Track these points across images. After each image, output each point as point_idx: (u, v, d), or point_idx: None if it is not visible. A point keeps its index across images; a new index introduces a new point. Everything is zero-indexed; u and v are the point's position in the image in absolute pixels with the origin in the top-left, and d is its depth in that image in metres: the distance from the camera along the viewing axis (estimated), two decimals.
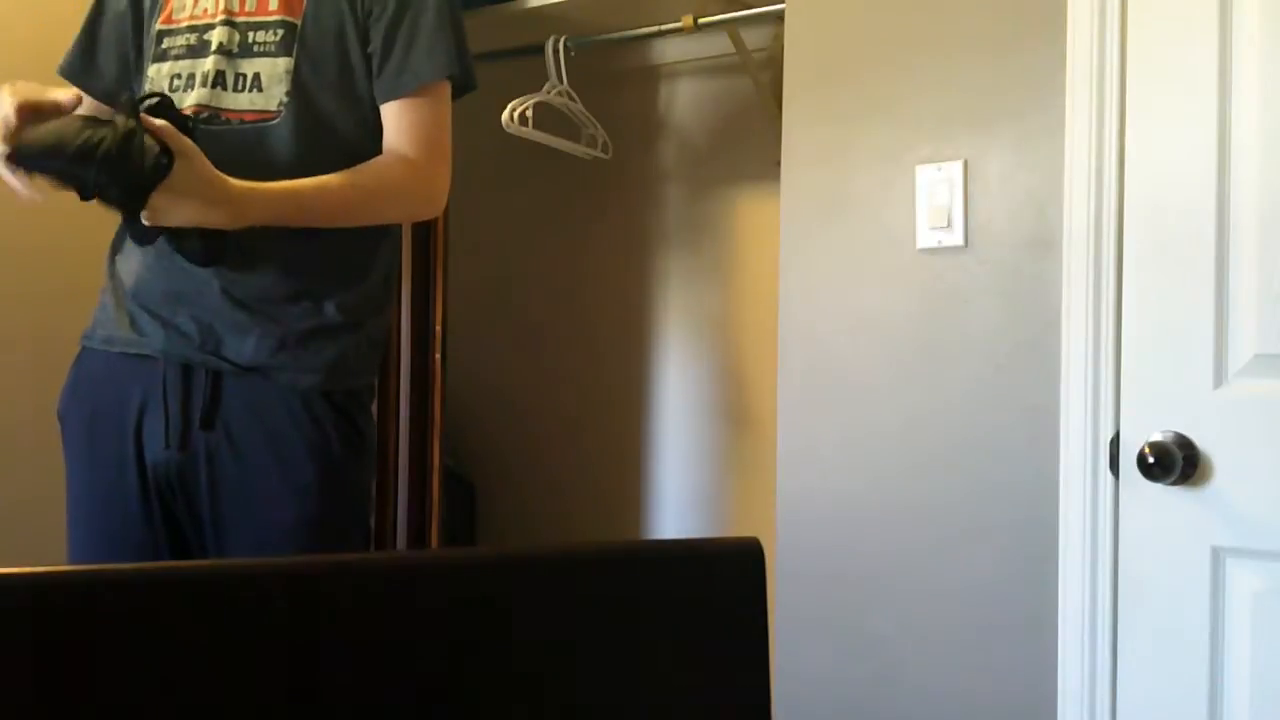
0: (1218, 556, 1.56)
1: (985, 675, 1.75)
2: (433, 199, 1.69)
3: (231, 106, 1.59)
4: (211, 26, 1.61)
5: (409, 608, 0.80)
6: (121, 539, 1.58)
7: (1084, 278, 1.65)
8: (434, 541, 2.31)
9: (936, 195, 1.80)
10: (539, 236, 2.86)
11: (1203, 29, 1.57)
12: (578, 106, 2.48)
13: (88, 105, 1.62)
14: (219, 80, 1.59)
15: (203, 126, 1.58)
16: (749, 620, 0.88)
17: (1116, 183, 1.63)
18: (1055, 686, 1.67)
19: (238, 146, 1.58)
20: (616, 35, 2.48)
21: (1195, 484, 1.56)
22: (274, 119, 1.58)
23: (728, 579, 0.89)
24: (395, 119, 1.62)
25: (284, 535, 1.56)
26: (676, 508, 2.70)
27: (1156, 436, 1.58)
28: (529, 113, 2.36)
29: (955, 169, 1.78)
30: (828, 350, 1.91)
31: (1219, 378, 1.56)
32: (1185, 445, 1.56)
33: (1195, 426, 1.56)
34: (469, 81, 1.69)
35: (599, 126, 2.53)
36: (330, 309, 1.61)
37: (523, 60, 2.53)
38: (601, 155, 2.56)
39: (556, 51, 2.43)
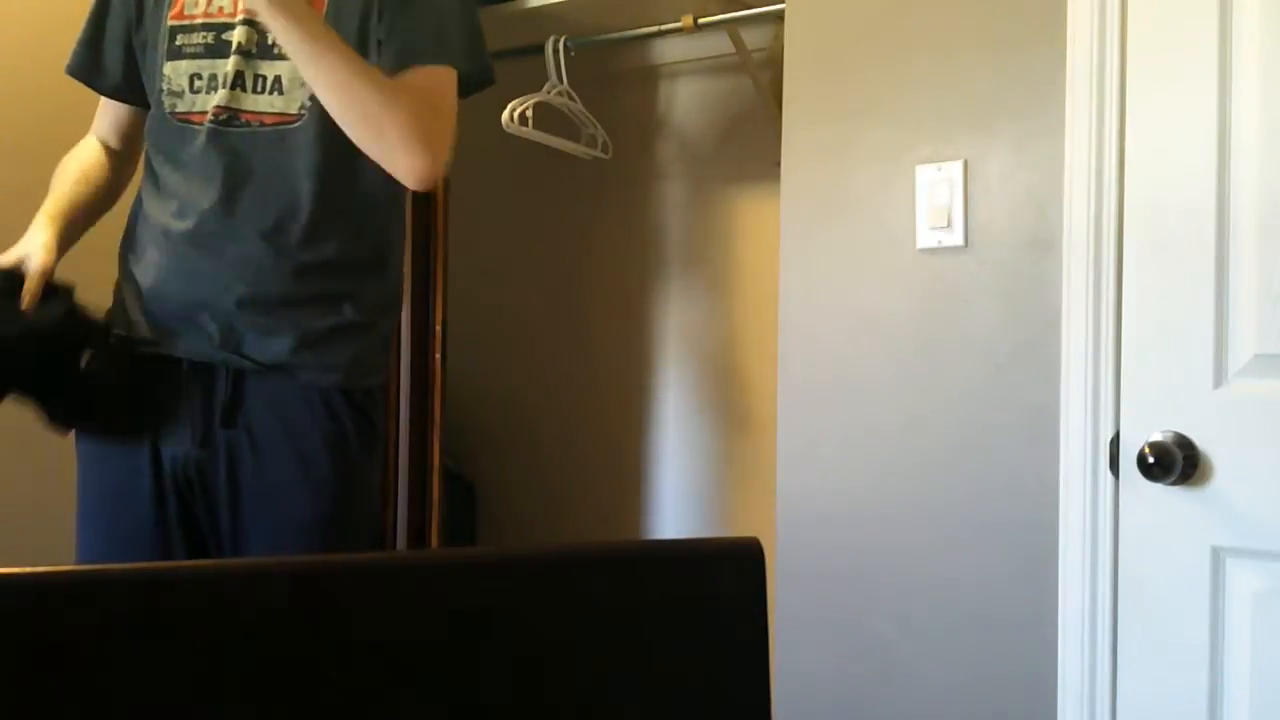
0: (1218, 556, 1.56)
1: (985, 674, 1.75)
2: (429, 146, 1.55)
3: (251, 108, 1.58)
4: (230, 26, 1.60)
5: (409, 608, 0.80)
6: (133, 541, 1.58)
7: (1084, 278, 1.65)
8: (434, 541, 2.31)
9: (936, 195, 1.80)
10: (539, 236, 2.86)
11: (1203, 29, 1.57)
12: (578, 106, 2.48)
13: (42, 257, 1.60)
14: (239, 81, 1.58)
15: (222, 128, 1.58)
16: (749, 620, 0.88)
17: (1116, 183, 1.63)
18: (1055, 686, 1.67)
19: (257, 149, 1.58)
20: (616, 35, 2.48)
21: (1195, 484, 1.56)
22: (295, 122, 1.58)
23: (728, 579, 0.89)
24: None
25: (301, 531, 1.56)
26: (676, 508, 2.70)
27: (1156, 436, 1.58)
28: (529, 113, 2.36)
29: (955, 169, 1.78)
30: (828, 350, 1.91)
31: (1219, 378, 1.56)
32: (1185, 445, 1.56)
33: (1195, 426, 1.56)
34: (480, 75, 1.68)
35: (599, 126, 2.53)
36: (348, 309, 1.61)
37: (523, 60, 2.53)
38: (601, 155, 2.56)
39: (556, 51, 2.43)
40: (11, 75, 2.17)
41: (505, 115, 2.33)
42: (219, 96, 1.59)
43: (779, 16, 2.11)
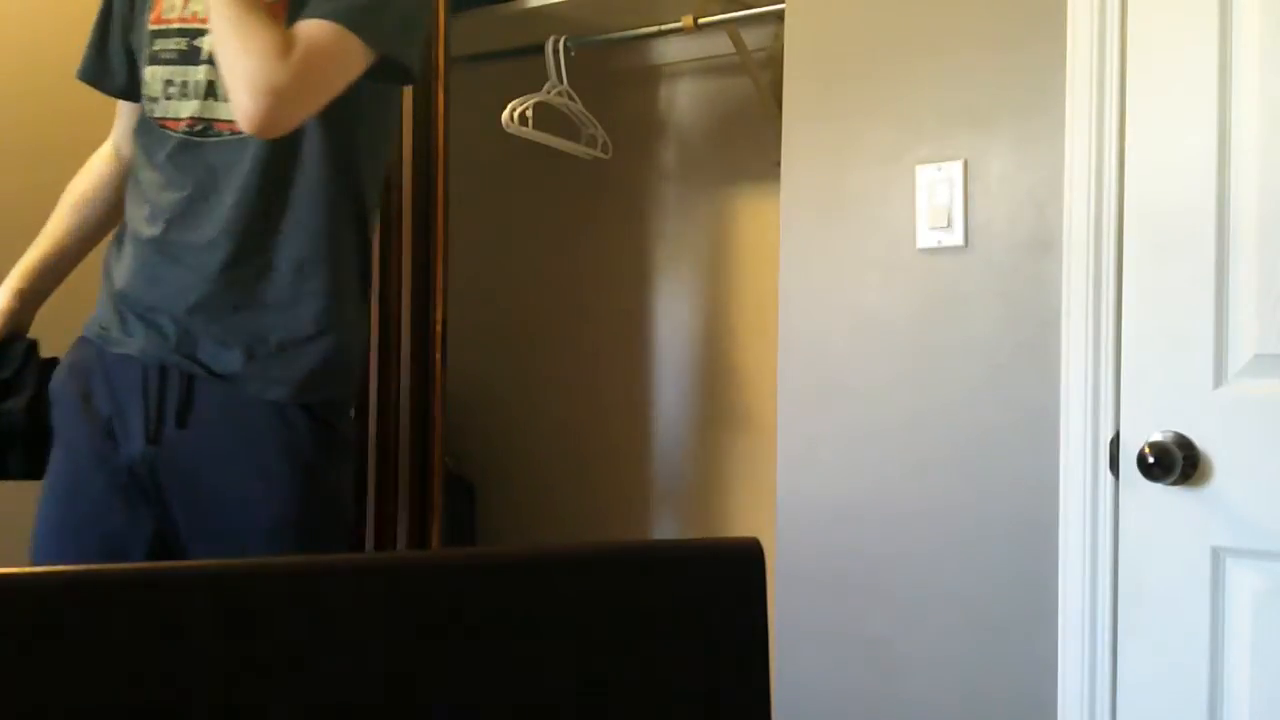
0: (1218, 556, 1.56)
1: (985, 676, 1.75)
2: (268, 94, 1.47)
3: (224, 117, 1.58)
4: (202, 32, 1.60)
5: (409, 608, 0.80)
6: (91, 525, 1.60)
7: (1084, 278, 1.65)
8: (434, 541, 2.30)
9: (936, 195, 1.80)
10: (538, 236, 2.86)
11: (1203, 28, 1.57)
12: (578, 106, 2.48)
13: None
14: (211, 91, 1.59)
15: (196, 138, 1.59)
16: (749, 620, 0.88)
17: (1116, 183, 1.63)
18: (1055, 686, 1.67)
19: (224, 158, 1.58)
20: (616, 35, 2.48)
21: (1195, 484, 1.56)
22: None
23: (728, 579, 0.89)
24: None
25: (258, 534, 1.57)
26: (676, 508, 2.70)
27: (1156, 436, 1.58)
28: (529, 113, 2.36)
29: (955, 169, 1.78)
30: (828, 350, 1.91)
31: (1219, 378, 1.56)
32: (1185, 445, 1.56)
33: (1195, 426, 1.56)
34: (394, 59, 1.60)
35: (599, 126, 2.53)
36: (303, 320, 1.61)
37: (523, 60, 2.53)
38: (601, 155, 2.56)
39: (556, 51, 2.43)
40: (9, 78, 2.17)
41: (505, 115, 2.33)
42: (192, 106, 1.60)
43: (779, 16, 2.11)
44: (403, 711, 0.78)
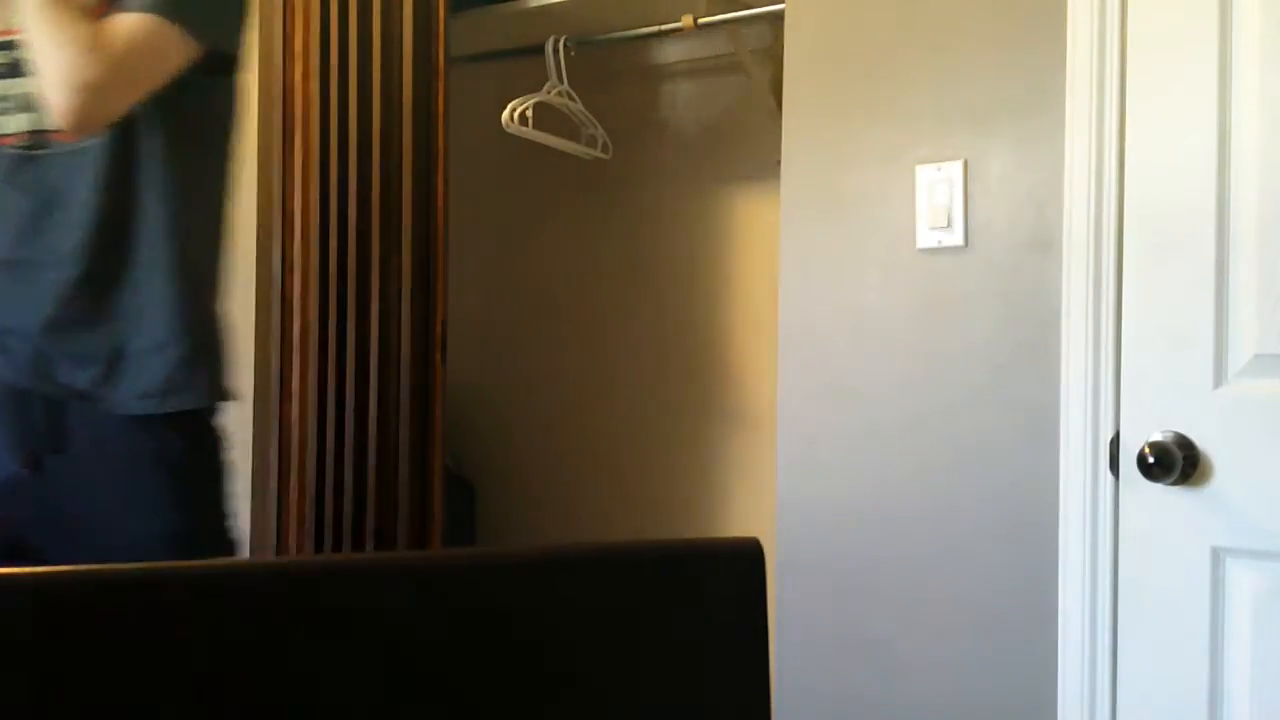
0: (1218, 556, 1.56)
1: (985, 676, 1.75)
2: (77, 89, 1.44)
3: (56, 128, 1.51)
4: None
5: (409, 608, 0.80)
6: None
7: (1084, 278, 1.65)
8: (434, 542, 2.30)
9: (936, 195, 1.80)
10: (539, 236, 2.86)
11: (1203, 28, 1.57)
12: (578, 106, 2.48)
13: None
14: (39, 103, 1.52)
15: (30, 152, 1.54)
16: (749, 620, 0.88)
17: (1116, 183, 1.63)
18: (1055, 686, 1.68)
19: (60, 169, 1.54)
20: (616, 35, 2.49)
21: (1195, 484, 1.56)
22: (100, 137, 1.52)
23: (728, 579, 0.89)
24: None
25: (140, 550, 1.51)
26: (676, 508, 2.70)
27: (1156, 436, 1.58)
28: (529, 113, 2.36)
29: (955, 169, 1.78)
30: (828, 350, 1.91)
31: (1219, 378, 1.56)
32: (1185, 445, 1.56)
33: (1195, 426, 1.56)
34: (204, 38, 1.54)
35: (599, 126, 2.53)
36: (157, 327, 1.56)
37: (523, 60, 2.54)
38: (601, 155, 2.56)
39: (556, 51, 2.43)
40: None
41: (505, 115, 2.33)
42: (23, 120, 1.55)
43: (779, 16, 2.11)
44: (402, 712, 0.78)
